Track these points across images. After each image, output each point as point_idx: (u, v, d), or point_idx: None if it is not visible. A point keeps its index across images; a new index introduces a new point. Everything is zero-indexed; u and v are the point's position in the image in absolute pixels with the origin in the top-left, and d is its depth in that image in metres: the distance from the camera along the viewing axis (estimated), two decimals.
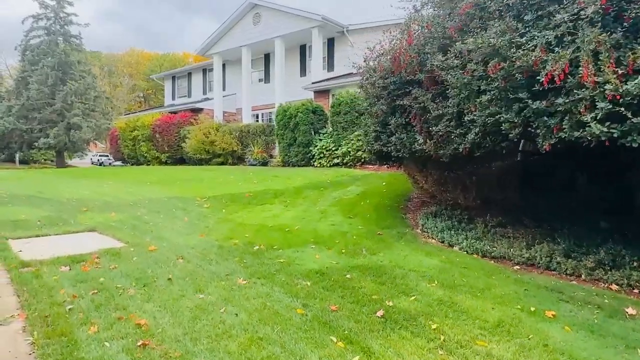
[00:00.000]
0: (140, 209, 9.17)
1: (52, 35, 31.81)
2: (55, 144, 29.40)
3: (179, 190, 11.45)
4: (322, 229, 7.08)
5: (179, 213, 8.72)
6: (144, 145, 22.63)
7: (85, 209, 9.10)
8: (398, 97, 6.20)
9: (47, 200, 10.02)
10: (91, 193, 11.24)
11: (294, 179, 12.41)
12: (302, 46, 21.44)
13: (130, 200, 10.12)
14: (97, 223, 7.81)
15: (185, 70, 27.81)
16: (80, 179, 15.51)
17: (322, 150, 14.99)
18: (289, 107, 15.91)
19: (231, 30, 21.84)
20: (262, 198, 9.99)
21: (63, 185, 13.35)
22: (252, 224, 7.73)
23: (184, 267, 5.24)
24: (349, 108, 14.39)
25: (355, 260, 5.41)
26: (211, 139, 19.02)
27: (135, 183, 13.21)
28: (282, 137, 16.02)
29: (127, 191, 11.52)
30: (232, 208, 9.14)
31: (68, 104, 30.36)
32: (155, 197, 10.54)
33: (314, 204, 9.15)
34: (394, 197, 9.06)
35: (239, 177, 13.38)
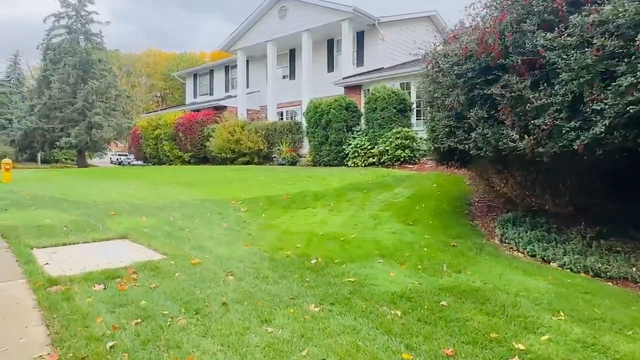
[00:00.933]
0: (172, 212, 8.42)
1: (74, 33, 31.60)
2: (77, 143, 29.15)
3: (210, 192, 10.70)
4: (383, 238, 6.21)
5: (215, 218, 7.95)
6: (166, 144, 22.06)
7: (113, 212, 8.39)
8: (479, 85, 5.28)
9: (72, 203, 9.36)
10: (118, 195, 10.57)
11: (330, 179, 11.56)
12: (329, 41, 20.56)
13: (160, 203, 9.39)
14: (127, 229, 7.08)
15: (207, 67, 27.22)
16: (104, 179, 14.92)
17: (356, 149, 14.10)
18: (320, 103, 15.07)
19: (256, 25, 21.09)
20: (302, 201, 9.16)
21: (88, 186, 12.75)
22: (299, 231, 6.90)
23: (237, 286, 4.43)
24: (385, 104, 13.47)
25: (439, 280, 4.53)
26: (236, 137, 18.30)
27: (163, 184, 12.52)
28: (312, 135, 15.19)
29: (155, 193, 10.82)
30: (272, 212, 8.33)
31: (89, 102, 30.10)
32: (186, 199, 9.80)
33: (362, 208, 8.28)
34: (451, 200, 8.13)
35: (270, 178, 12.59)
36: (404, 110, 13.72)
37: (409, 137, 13.08)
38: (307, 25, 18.99)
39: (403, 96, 13.68)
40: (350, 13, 17.37)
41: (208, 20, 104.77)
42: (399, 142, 12.92)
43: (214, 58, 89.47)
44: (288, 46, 21.76)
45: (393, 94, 13.50)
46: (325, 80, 20.34)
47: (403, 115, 13.74)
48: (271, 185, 11.36)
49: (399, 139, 13.00)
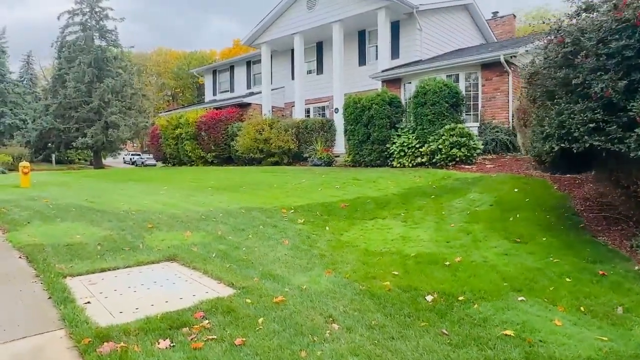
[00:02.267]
0: (217, 225, 7.26)
1: (88, 31, 30.73)
2: (93, 143, 28.29)
3: (251, 198, 9.53)
4: (498, 263, 4.97)
5: (271, 232, 6.76)
6: (188, 144, 20.97)
7: (150, 225, 7.26)
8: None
9: (101, 213, 8.25)
10: (150, 202, 9.44)
11: (383, 182, 10.34)
12: (360, 32, 19.28)
13: (200, 212, 8.24)
14: (173, 248, 5.93)
15: (227, 63, 26.08)
16: (128, 182, 13.85)
17: (402, 148, 12.84)
18: (360, 98, 13.82)
19: (281, 17, 19.87)
20: (364, 209, 7.94)
21: (113, 191, 11.67)
22: (382, 250, 5.69)
23: (350, 342, 3.24)
24: (437, 98, 12.18)
25: (630, 333, 3.28)
26: (265, 136, 17.14)
27: (194, 189, 11.39)
28: (352, 133, 13.94)
29: (190, 200, 9.67)
30: (335, 225, 7.13)
31: (105, 102, 29.23)
32: (228, 207, 8.63)
33: (442, 219, 7.04)
34: (549, 210, 6.85)
35: (313, 181, 11.39)
36: (456, 104, 12.43)
37: (464, 134, 11.79)
38: (338, 16, 17.72)
39: (456, 89, 12.39)
40: (387, 1, 16.08)
41: (216, 18, 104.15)
42: (454, 139, 11.64)
43: (224, 56, 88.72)
44: (315, 39, 20.52)
45: (445, 87, 12.20)
46: (357, 75, 19.10)
47: (455, 110, 12.45)
48: (317, 190, 10.15)
49: (453, 136, 11.72)
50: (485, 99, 13.53)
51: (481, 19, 21.55)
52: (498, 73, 13.23)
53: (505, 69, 13.03)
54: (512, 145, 12.88)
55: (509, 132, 13.04)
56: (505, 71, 13.08)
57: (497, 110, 13.28)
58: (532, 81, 5.93)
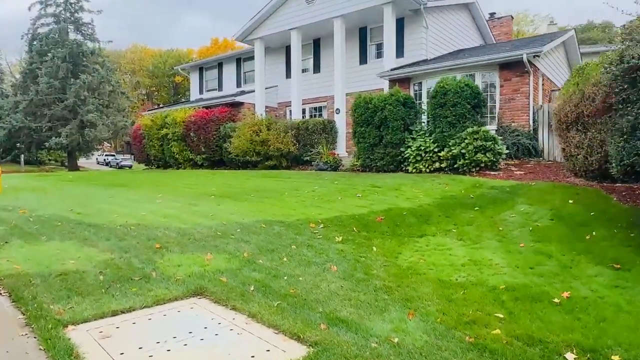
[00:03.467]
0: (239, 244, 6.12)
1: (62, 22, 28.68)
2: (68, 143, 26.31)
3: (265, 209, 8.38)
4: (618, 300, 4.03)
5: (309, 254, 5.67)
6: (175, 146, 19.52)
7: (157, 244, 6.04)
8: None
9: (94, 229, 6.96)
10: (149, 214, 8.17)
11: (407, 190, 9.36)
12: (361, 29, 18.34)
13: (212, 227, 7.06)
14: (196, 277, 4.79)
15: (215, 60, 24.69)
16: (114, 188, 12.42)
17: (418, 152, 11.92)
18: (371, 98, 12.83)
19: (278, 11, 18.72)
20: (406, 224, 6.93)
21: (101, 199, 10.29)
22: (459, 280, 4.68)
23: None
24: (458, 98, 11.32)
25: None
26: (262, 137, 15.94)
27: (194, 197, 10.13)
28: (362, 136, 12.93)
29: (194, 211, 8.45)
30: (382, 244, 6.08)
31: (81, 99, 27.31)
32: (242, 220, 7.47)
33: (504, 237, 6.10)
34: (628, 226, 5.99)
35: (326, 188, 10.33)
36: (477, 106, 11.60)
37: (489, 137, 10.96)
38: (340, 11, 16.72)
39: (477, 89, 11.55)
40: None
41: (190, 16, 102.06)
42: (478, 144, 10.79)
43: (202, 54, 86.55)
44: (312, 36, 19.45)
45: (467, 87, 11.35)
46: (357, 74, 18.15)
47: (476, 111, 11.62)
48: (337, 198, 9.09)
49: (477, 140, 10.87)
50: (503, 101, 12.77)
51: (482, 19, 20.97)
52: (518, 73, 12.50)
53: (526, 69, 12.30)
54: (534, 150, 12.15)
55: (530, 136, 12.31)
56: (526, 71, 12.35)
57: (517, 113, 12.53)
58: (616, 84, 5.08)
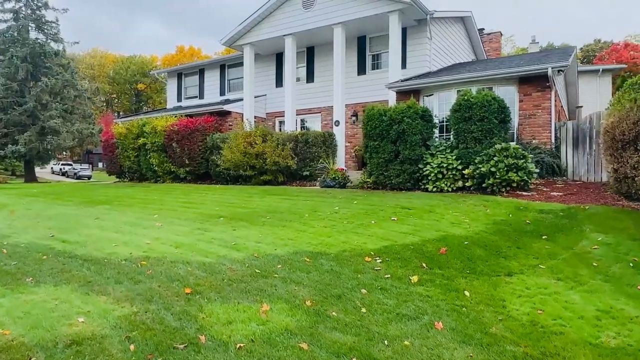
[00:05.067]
0: (289, 285, 4.87)
1: (22, 19, 26.17)
2: (26, 152, 23.71)
3: (294, 235, 7.12)
4: None
5: (389, 302, 4.49)
6: (154, 157, 17.76)
7: (187, 288, 4.70)
8: None
9: (94, 264, 5.47)
10: (154, 242, 6.71)
11: (446, 214, 8.37)
12: (360, 38, 17.49)
13: (243, 261, 5.75)
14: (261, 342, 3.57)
15: (196, 66, 23.08)
16: (97, 206, 10.69)
17: (440, 169, 11.01)
18: (386, 109, 11.85)
19: (271, 15, 17.56)
20: (478, 258, 5.87)
21: (85, 221, 8.63)
22: (615, 344, 3.63)
23: None
24: (485, 112, 10.53)
25: None
26: (257, 150, 14.59)
27: (199, 219, 8.68)
28: (375, 150, 11.89)
29: (211, 238, 7.04)
30: (468, 285, 4.97)
31: (42, 103, 24.83)
32: (276, 252, 6.19)
33: (607, 275, 5.15)
34: None
35: (349, 209, 9.17)
36: (504, 121, 10.87)
37: (520, 155, 10.19)
38: (341, 17, 15.78)
39: (503, 103, 10.81)
40: (402, 4, 14.41)
41: (144, 22, 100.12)
42: (510, 161, 9.99)
43: (166, 62, 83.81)
44: (305, 43, 18.41)
45: (493, 100, 10.59)
46: (355, 85, 17.24)
47: (502, 127, 10.88)
48: (371, 222, 7.94)
49: (508, 157, 10.08)
50: (523, 117, 12.14)
51: (475, 33, 20.70)
52: (539, 88, 11.93)
53: (548, 84, 11.75)
54: (558, 169, 11.53)
55: (552, 154, 11.70)
56: (548, 86, 11.80)
57: (537, 130, 11.92)
58: None
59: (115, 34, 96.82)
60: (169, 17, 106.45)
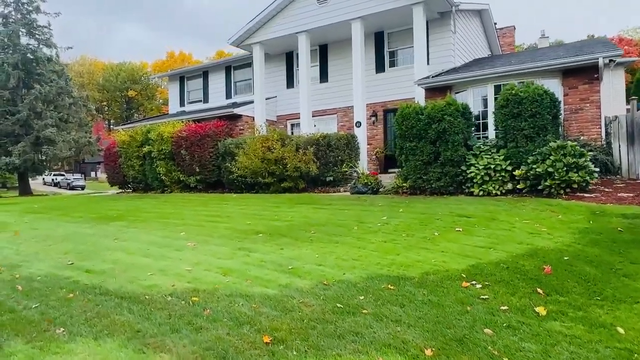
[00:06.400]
0: (388, 325, 3.89)
1: (12, 24, 24.87)
2: (21, 163, 22.40)
3: (354, 254, 6.11)
4: None
5: (531, 346, 3.50)
6: (162, 165, 16.64)
7: (264, 336, 3.67)
8: None
9: (134, 303, 4.42)
10: (195, 267, 5.65)
11: (515, 222, 7.42)
12: (377, 34, 16.57)
13: (312, 291, 4.75)
14: None
15: (200, 68, 21.98)
16: (111, 223, 9.58)
17: (487, 171, 10.07)
18: (422, 107, 10.90)
19: (283, 12, 16.57)
20: (593, 279, 4.90)
21: (103, 242, 7.54)
22: None
23: None
24: (537, 108, 9.63)
25: None
26: (276, 155, 13.56)
27: (236, 236, 7.62)
28: (412, 152, 10.92)
29: (259, 261, 6.00)
30: (610, 318, 3.99)
31: (36, 112, 23.55)
32: (345, 277, 5.20)
33: None
34: None
35: (399, 219, 8.19)
36: (555, 117, 9.98)
37: (578, 153, 9.29)
38: (360, 12, 14.84)
39: (555, 97, 9.92)
40: None
41: (125, 27, 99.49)
42: (569, 160, 9.07)
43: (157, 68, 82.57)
44: (318, 41, 17.45)
45: (545, 94, 9.69)
46: (374, 83, 16.29)
47: (555, 123, 9.99)
48: (434, 235, 6.96)
49: (566, 155, 9.16)
50: (569, 111, 11.26)
51: (492, 27, 19.90)
52: (586, 80, 11.05)
53: (596, 75, 10.88)
54: (612, 166, 10.66)
55: (605, 151, 10.83)
56: (596, 77, 10.93)
57: (586, 125, 11.05)
58: None
59: (95, 39, 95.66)
60: (151, 22, 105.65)
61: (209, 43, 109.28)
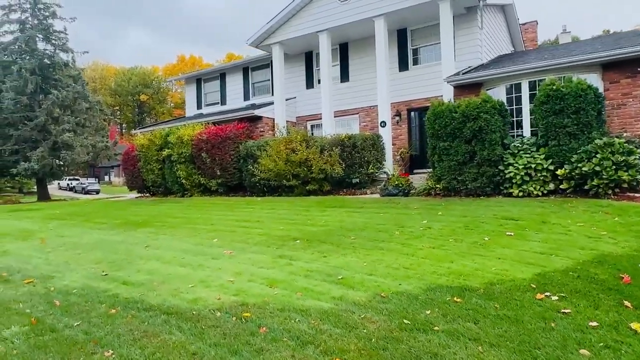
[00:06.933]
0: (470, 346, 3.48)
1: (30, 30, 24.93)
2: (39, 169, 22.37)
3: (402, 261, 5.71)
4: None
5: None
6: (182, 169, 16.39)
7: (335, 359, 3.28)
8: None
9: (182, 320, 4.07)
10: (237, 278, 5.30)
11: (565, 224, 6.97)
12: (399, 31, 16.12)
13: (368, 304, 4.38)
14: None
15: (217, 70, 21.74)
16: (139, 229, 9.30)
17: (527, 171, 9.59)
18: (456, 105, 10.46)
19: (303, 11, 16.24)
20: None
21: (134, 250, 7.23)
22: None
23: None
24: (581, 103, 9.14)
25: None
26: (300, 157, 13.21)
27: (273, 243, 7.27)
28: (445, 152, 10.49)
29: (304, 270, 5.63)
30: None
31: (53, 117, 23.55)
32: (401, 288, 4.81)
33: None
34: None
35: (441, 222, 7.77)
36: (600, 112, 9.48)
37: (626, 150, 8.78)
38: (384, 8, 14.42)
39: (598, 92, 9.45)
40: None
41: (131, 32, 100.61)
42: (618, 158, 8.57)
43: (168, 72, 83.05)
44: (338, 40, 17.06)
45: (589, 89, 9.21)
46: (397, 82, 15.84)
47: (599, 119, 9.48)
48: (484, 239, 6.54)
49: (615, 153, 8.66)
50: (610, 107, 10.71)
51: (515, 22, 19.34)
52: (628, 74, 10.50)
53: (639, 69, 10.33)
54: None
55: None
56: (639, 71, 10.38)
57: (629, 121, 10.49)
58: None
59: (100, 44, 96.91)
60: (152, 27, 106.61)
61: (209, 45, 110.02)
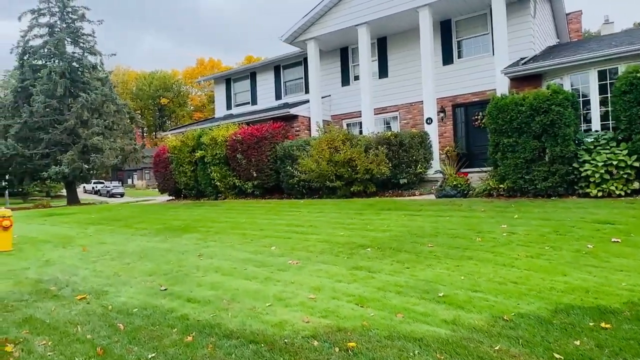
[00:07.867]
0: None
1: (58, 33, 24.84)
2: (70, 172, 22.18)
3: (502, 274, 4.90)
4: None
5: None
6: (215, 170, 15.84)
7: None
8: None
9: (274, 353, 3.35)
10: (320, 296, 4.57)
11: None
12: (443, 23, 15.24)
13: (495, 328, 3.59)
14: None
15: (247, 69, 21.18)
16: (184, 236, 8.67)
17: (608, 168, 8.63)
18: (522, 97, 9.56)
19: (340, 4, 15.51)
20: None
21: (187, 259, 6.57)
22: None
23: None
24: None
25: None
26: (343, 156, 12.45)
27: (340, 252, 6.53)
28: (510, 149, 9.60)
29: (391, 284, 4.86)
30: None
31: (82, 120, 23.37)
32: (521, 309, 3.99)
33: None
34: None
35: (524, 227, 6.90)
36: None
37: None
38: None
39: None
40: None
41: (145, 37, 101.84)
42: None
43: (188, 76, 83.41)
44: (376, 34, 16.27)
45: None
46: (441, 77, 14.95)
47: None
48: (588, 249, 5.67)
49: None
50: None
51: (562, 13, 18.22)
52: None
53: None
54: None
55: None
56: None
57: None
58: None
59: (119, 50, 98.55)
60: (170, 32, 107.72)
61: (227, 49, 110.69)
